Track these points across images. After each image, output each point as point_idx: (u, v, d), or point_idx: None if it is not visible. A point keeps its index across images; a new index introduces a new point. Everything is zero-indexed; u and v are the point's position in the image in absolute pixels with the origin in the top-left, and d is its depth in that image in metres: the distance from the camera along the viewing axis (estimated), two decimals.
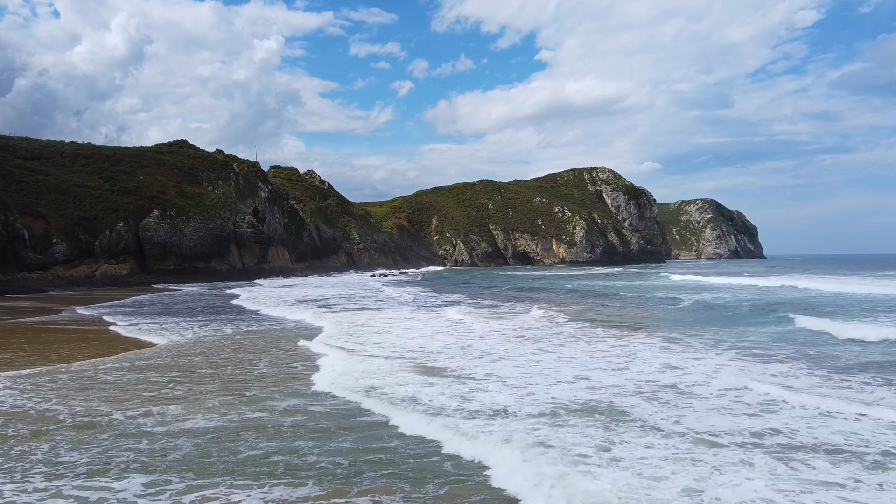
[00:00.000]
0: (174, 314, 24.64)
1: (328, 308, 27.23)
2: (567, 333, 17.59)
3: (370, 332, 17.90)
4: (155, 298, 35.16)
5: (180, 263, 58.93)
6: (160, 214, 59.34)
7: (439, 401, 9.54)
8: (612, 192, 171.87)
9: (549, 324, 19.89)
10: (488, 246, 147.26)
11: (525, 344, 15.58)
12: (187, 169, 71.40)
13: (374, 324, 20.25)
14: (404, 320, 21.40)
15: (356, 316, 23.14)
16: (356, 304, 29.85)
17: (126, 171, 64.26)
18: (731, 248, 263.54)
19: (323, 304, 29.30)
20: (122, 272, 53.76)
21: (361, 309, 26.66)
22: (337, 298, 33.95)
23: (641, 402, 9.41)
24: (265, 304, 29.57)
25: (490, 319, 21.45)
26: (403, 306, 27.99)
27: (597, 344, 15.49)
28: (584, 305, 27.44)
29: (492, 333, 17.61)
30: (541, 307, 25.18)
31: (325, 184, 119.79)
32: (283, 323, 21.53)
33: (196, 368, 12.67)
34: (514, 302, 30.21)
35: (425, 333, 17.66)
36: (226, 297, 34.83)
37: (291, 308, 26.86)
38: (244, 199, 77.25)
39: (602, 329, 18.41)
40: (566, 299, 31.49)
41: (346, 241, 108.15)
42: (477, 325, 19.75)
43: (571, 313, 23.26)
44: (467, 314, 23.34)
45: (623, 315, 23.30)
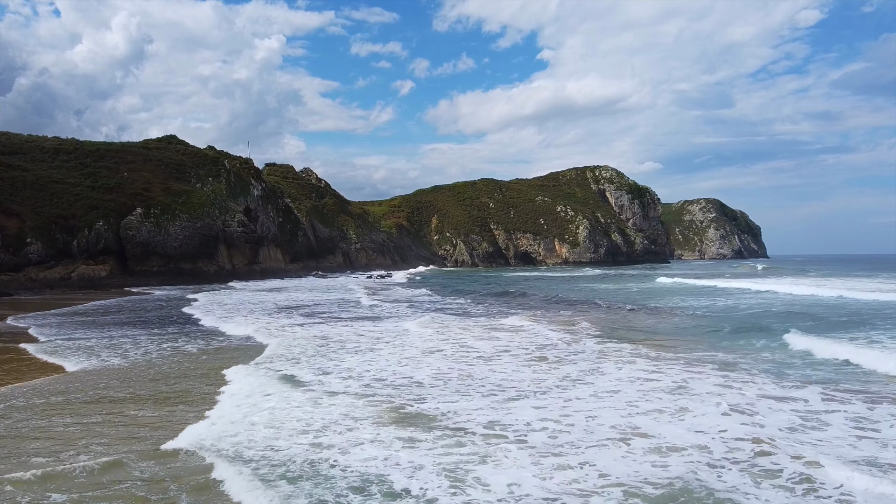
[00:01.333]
0: (118, 326, 21.07)
1: (308, 317, 24.03)
2: (590, 352, 14.43)
3: (344, 353, 14.65)
4: (119, 304, 31.83)
5: (164, 264, 55.75)
6: (143, 213, 56.17)
7: (420, 486, 6.28)
8: (616, 191, 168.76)
9: (567, 338, 16.71)
10: (489, 246, 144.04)
11: (545, 369, 12.42)
12: (175, 165, 68.22)
13: (353, 339, 17.06)
14: (393, 335, 18.22)
15: (335, 329, 19.94)
16: (341, 311, 26.66)
17: (109, 168, 61.09)
18: (734, 249, 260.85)
19: (304, 313, 26.10)
20: (101, 274, 50.59)
21: (346, 319, 23.46)
22: (323, 304, 30.76)
23: (748, 483, 6.24)
24: (236, 311, 26.32)
25: (497, 332, 18.29)
26: (395, 315, 24.80)
27: (630, 368, 12.33)
28: (600, 313, 24.27)
29: (501, 354, 14.42)
30: (553, 319, 22.06)
31: (321, 182, 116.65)
32: (231, 339, 17.85)
33: (63, 411, 9.39)
34: (522, 310, 27.05)
35: (415, 354, 14.48)
36: (190, 303, 31.46)
37: (258, 318, 23.52)
38: (235, 197, 74.11)
39: (629, 346, 15.27)
40: (578, 306, 28.35)
41: (344, 240, 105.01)
42: (482, 341, 16.58)
43: (589, 325, 20.10)
44: (470, 327, 20.18)
45: (647, 327, 20.14)
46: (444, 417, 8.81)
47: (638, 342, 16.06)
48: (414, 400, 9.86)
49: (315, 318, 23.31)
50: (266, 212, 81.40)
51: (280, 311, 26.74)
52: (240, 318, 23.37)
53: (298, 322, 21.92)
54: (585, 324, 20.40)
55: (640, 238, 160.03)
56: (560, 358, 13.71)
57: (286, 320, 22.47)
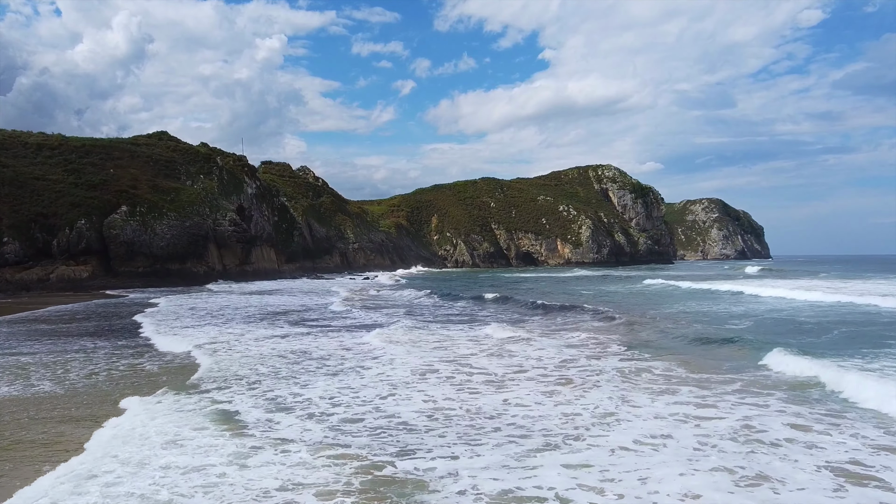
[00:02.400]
0: (53, 337, 18.22)
1: (284, 326, 21.47)
2: (622, 372, 11.84)
3: (314, 375, 11.98)
4: (77, 309, 28.96)
5: (151, 265, 53.18)
6: (129, 211, 53.61)
7: None
8: (619, 191, 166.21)
9: (595, 352, 14.12)
10: (490, 246, 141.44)
11: (571, 399, 9.84)
12: (164, 162, 65.65)
13: (332, 356, 14.46)
14: (381, 347, 15.65)
15: (309, 342, 17.37)
16: (323, 319, 24.09)
17: (94, 164, 58.55)
18: (737, 249, 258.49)
19: (283, 320, 23.54)
20: (83, 275, 48.05)
21: (326, 329, 20.90)
22: (306, 310, 28.20)
23: None
24: (201, 319, 23.60)
25: (506, 345, 15.73)
26: (388, 323, 22.24)
27: (676, 401, 9.72)
28: (619, 320, 21.69)
29: (515, 376, 11.85)
30: (568, 328, 19.48)
31: (319, 180, 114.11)
32: (169, 356, 14.57)
33: None
34: (532, 314, 24.47)
35: (405, 375, 11.90)
36: (143, 310, 28.36)
37: (222, 327, 20.95)
38: (228, 195, 71.55)
39: (661, 364, 12.71)
40: (592, 311, 25.76)
41: (341, 240, 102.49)
42: (486, 358, 14.00)
43: (609, 334, 17.53)
44: (472, 340, 17.60)
45: (677, 337, 17.55)
46: (439, 485, 6.26)
47: (662, 357, 13.48)
48: (397, 454, 7.28)
49: (291, 327, 20.74)
50: (260, 211, 78.85)
51: (254, 318, 24.12)
52: (205, 327, 20.62)
53: (271, 332, 19.33)
54: (598, 335, 17.82)
55: (643, 238, 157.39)
56: (582, 379, 11.15)
57: (258, 330, 19.87)
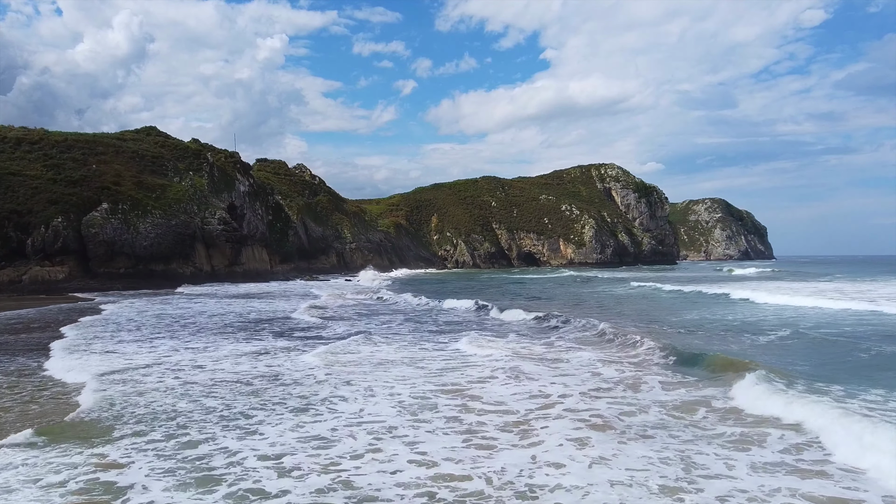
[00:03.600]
0: None
1: (269, 337, 18.51)
2: (666, 407, 8.86)
3: (274, 414, 8.96)
4: (27, 315, 25.42)
5: (133, 266, 50.19)
6: (110, 208, 50.61)
7: None
8: (622, 190, 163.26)
9: (632, 375, 11.11)
10: (491, 246, 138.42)
11: (619, 453, 6.86)
12: (151, 158, 62.66)
13: (303, 382, 11.47)
14: (362, 371, 12.66)
15: (289, 361, 14.40)
16: (295, 330, 21.13)
17: (76, 159, 55.54)
18: (741, 249, 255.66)
19: (259, 330, 20.58)
20: (58, 276, 45.07)
21: (307, 341, 17.93)
22: (285, 319, 25.25)
23: None
24: (136, 330, 20.65)
25: (511, 366, 12.73)
26: (377, 333, 19.24)
27: (754, 457, 6.76)
28: (642, 330, 18.69)
29: (544, 420, 8.84)
30: (588, 342, 16.46)
31: (315, 178, 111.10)
32: (68, 391, 10.87)
33: None
34: (546, 325, 21.46)
35: (393, 414, 8.91)
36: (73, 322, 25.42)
37: (155, 341, 18.01)
38: (219, 192, 68.59)
39: (710, 390, 9.71)
40: (611, 318, 22.76)
41: (338, 240, 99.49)
42: (496, 385, 11.00)
43: (636, 352, 14.52)
44: (475, 361, 14.59)
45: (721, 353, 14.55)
46: None
47: (714, 382, 10.47)
48: None
49: (266, 341, 17.75)
50: (254, 209, 75.90)
51: (227, 327, 21.14)
52: (155, 341, 17.41)
53: (236, 347, 16.33)
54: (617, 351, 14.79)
55: (647, 238, 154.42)
56: (630, 428, 8.15)
57: (222, 344, 16.86)
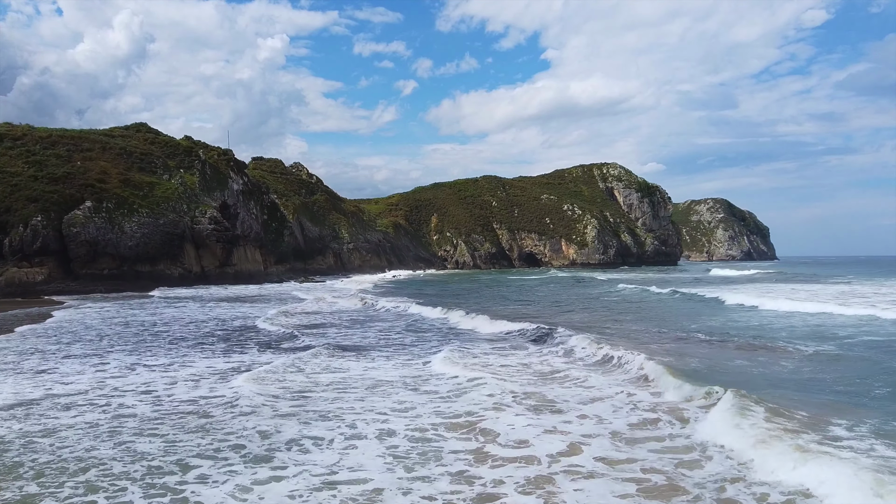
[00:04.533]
0: None
1: (225, 354, 16.12)
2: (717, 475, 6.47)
3: (210, 480, 6.57)
4: None
5: (117, 267, 47.82)
6: (93, 207, 48.23)
7: None
8: (624, 190, 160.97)
9: (669, 407, 8.72)
10: (492, 246, 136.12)
11: None
12: (140, 155, 60.25)
13: (264, 430, 9.07)
14: (338, 407, 10.28)
15: (258, 386, 12.01)
16: (286, 341, 18.76)
17: (60, 156, 53.14)
18: (743, 250, 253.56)
19: (228, 343, 18.21)
20: (37, 278, 42.69)
21: (282, 353, 15.54)
22: (263, 331, 22.87)
23: None
24: (81, 341, 18.36)
25: (513, 386, 10.34)
26: (366, 348, 16.86)
27: None
28: (667, 345, 16.31)
29: (573, 477, 6.47)
30: (611, 366, 14.05)
31: (313, 177, 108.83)
32: None
33: None
34: (551, 342, 19.05)
35: (379, 468, 6.52)
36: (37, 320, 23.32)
37: (79, 356, 15.65)
38: (211, 191, 66.21)
39: (780, 426, 7.32)
40: (630, 331, 20.42)
41: (335, 240, 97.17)
42: (498, 420, 8.60)
43: (657, 387, 12.13)
44: (471, 387, 12.19)
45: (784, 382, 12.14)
46: None
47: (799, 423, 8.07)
48: None
49: (221, 356, 15.38)
50: (248, 208, 73.58)
51: (178, 340, 18.79)
52: (107, 355, 14.95)
53: (191, 369, 13.97)
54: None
55: (650, 239, 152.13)
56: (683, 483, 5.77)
57: (181, 363, 14.49)
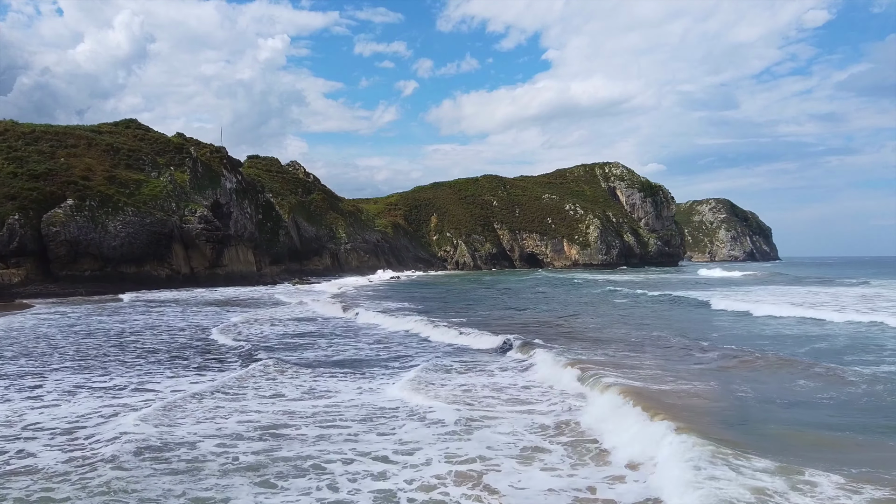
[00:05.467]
0: None
1: (197, 373, 13.80)
2: None
3: None
4: None
5: (100, 268, 45.49)
6: (75, 205, 45.91)
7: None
8: (627, 189, 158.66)
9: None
10: (493, 247, 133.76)
11: None
12: (128, 151, 57.90)
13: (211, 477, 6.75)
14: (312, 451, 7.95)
15: (208, 426, 9.66)
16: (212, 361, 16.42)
17: (43, 152, 50.81)
18: (746, 251, 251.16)
19: (210, 353, 15.89)
20: (13, 279, 40.34)
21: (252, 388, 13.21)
22: (228, 345, 20.54)
23: None
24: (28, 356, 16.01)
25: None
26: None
27: None
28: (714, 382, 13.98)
29: None
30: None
31: (310, 176, 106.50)
32: None
33: None
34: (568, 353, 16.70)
35: None
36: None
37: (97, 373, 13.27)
38: (202, 189, 63.91)
39: None
40: (655, 351, 18.08)
41: (332, 240, 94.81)
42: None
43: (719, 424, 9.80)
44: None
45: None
46: None
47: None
48: None
49: (193, 374, 13.07)
50: (241, 208, 71.24)
51: (146, 353, 16.48)
52: (53, 372, 12.82)
53: (131, 397, 11.66)
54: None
55: (653, 239, 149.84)
56: None
57: (131, 389, 12.19)
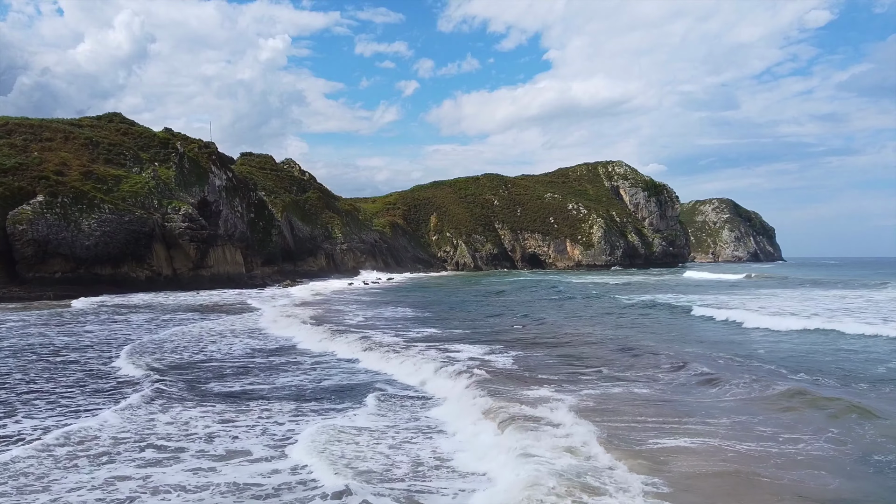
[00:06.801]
0: None
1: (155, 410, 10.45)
2: None
3: None
4: None
5: (72, 269, 42.16)
6: (46, 202, 42.60)
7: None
8: (631, 188, 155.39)
9: None
10: (494, 247, 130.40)
11: None
12: (108, 145, 54.59)
13: None
14: None
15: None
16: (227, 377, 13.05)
17: (15, 145, 47.51)
18: (750, 251, 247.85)
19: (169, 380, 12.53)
20: None
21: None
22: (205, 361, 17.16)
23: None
24: None
25: None
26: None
27: None
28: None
29: None
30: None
31: (305, 174, 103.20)
32: None
33: None
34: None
35: None
36: None
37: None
38: (189, 186, 60.52)
39: None
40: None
41: (328, 240, 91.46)
42: None
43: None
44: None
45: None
46: None
47: None
48: None
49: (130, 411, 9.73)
50: (232, 206, 67.84)
51: (92, 378, 13.14)
52: None
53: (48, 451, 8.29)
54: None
55: (658, 239, 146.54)
56: None
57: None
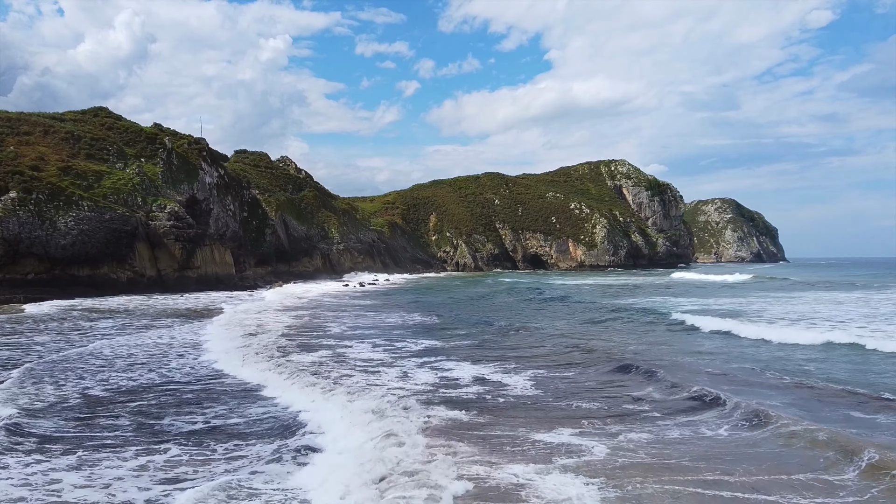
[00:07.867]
0: None
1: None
2: None
3: None
4: None
5: (46, 270, 39.53)
6: (19, 198, 39.96)
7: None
8: (634, 188, 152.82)
9: None
10: (494, 247, 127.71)
11: None
12: (90, 140, 51.97)
13: None
14: None
15: None
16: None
17: None
18: (753, 251, 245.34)
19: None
20: None
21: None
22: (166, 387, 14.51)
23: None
24: None
25: None
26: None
27: None
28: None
29: None
30: None
31: (301, 172, 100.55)
32: None
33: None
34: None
35: None
36: None
37: None
38: (177, 183, 57.92)
39: None
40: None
41: (324, 240, 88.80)
42: None
43: None
44: None
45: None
46: None
47: None
48: None
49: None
50: (223, 204, 65.23)
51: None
52: None
53: None
54: None
55: (661, 239, 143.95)
56: None
57: None
